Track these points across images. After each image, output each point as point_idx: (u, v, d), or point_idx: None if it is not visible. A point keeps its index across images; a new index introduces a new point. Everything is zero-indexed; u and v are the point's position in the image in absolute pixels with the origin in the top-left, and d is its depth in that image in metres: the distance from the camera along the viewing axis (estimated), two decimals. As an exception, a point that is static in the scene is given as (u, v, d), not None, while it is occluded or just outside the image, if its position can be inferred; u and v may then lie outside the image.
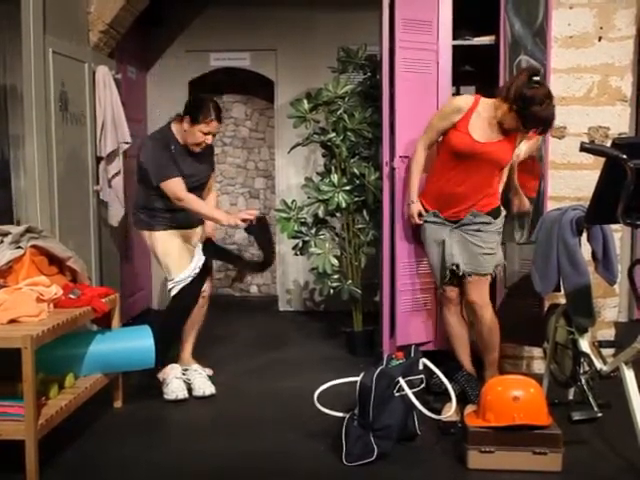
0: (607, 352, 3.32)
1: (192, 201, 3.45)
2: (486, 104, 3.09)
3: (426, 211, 3.32)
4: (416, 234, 3.69)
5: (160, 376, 3.54)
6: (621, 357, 2.67)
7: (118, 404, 3.38)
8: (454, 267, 3.19)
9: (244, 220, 3.43)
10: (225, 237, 6.52)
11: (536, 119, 2.95)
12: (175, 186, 3.42)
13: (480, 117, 3.09)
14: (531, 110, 2.92)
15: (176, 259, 3.53)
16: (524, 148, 3.32)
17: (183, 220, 3.58)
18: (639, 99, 5.12)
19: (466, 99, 3.17)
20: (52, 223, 3.81)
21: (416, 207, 3.35)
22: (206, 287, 3.66)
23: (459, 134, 3.13)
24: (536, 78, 2.96)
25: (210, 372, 3.74)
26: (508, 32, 3.52)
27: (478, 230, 3.18)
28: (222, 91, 6.40)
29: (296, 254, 4.54)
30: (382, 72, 3.72)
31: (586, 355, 2.97)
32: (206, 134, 3.45)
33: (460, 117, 3.12)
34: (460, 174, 3.17)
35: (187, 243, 3.63)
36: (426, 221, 3.32)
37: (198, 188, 3.62)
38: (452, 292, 3.30)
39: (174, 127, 3.53)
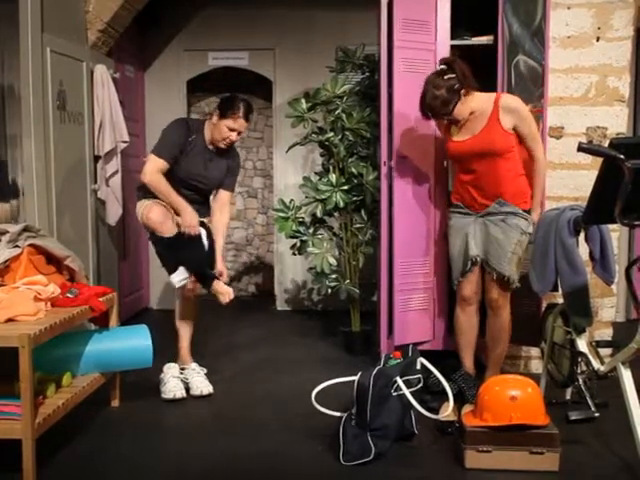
0: (604, 352, 3.35)
1: (160, 182, 3.34)
2: None
3: (452, 204, 3.34)
4: (415, 234, 3.70)
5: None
6: (618, 357, 2.67)
7: (115, 403, 3.38)
8: (475, 259, 3.19)
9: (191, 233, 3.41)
10: (223, 236, 6.52)
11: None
12: (155, 164, 3.35)
13: None
14: None
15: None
16: None
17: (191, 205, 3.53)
18: (637, 99, 5.14)
19: None
20: (50, 222, 3.81)
21: None
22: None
23: (447, 139, 3.24)
24: (440, 66, 3.11)
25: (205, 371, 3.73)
26: (506, 32, 3.53)
27: (503, 220, 3.13)
28: (220, 90, 6.39)
29: (294, 254, 4.54)
30: (380, 72, 3.72)
31: (584, 355, 2.97)
32: (231, 130, 3.41)
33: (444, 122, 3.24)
34: (467, 172, 3.20)
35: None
36: (452, 211, 3.32)
37: (198, 192, 3.56)
38: (468, 290, 3.28)
39: (206, 123, 3.51)
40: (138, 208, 3.51)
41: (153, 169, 3.36)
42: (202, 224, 3.53)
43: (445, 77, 3.04)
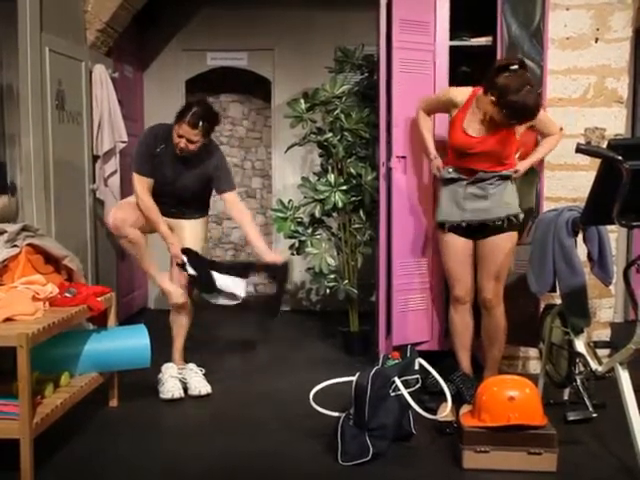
0: (602, 353, 3.34)
1: (148, 207, 3.41)
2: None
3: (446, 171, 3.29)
4: (413, 234, 3.71)
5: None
6: (616, 358, 2.67)
7: (114, 403, 3.38)
8: (459, 224, 3.20)
9: (177, 262, 3.46)
10: (222, 236, 6.52)
11: (515, 109, 2.88)
12: (138, 183, 3.42)
13: (475, 112, 3.09)
14: (508, 100, 2.87)
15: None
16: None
17: (172, 209, 3.54)
18: (635, 101, 5.14)
19: (462, 93, 3.16)
20: (48, 222, 3.81)
21: (436, 162, 3.33)
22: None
23: (456, 130, 3.15)
24: (513, 67, 2.92)
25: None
26: (505, 33, 3.53)
27: (491, 184, 3.14)
28: (219, 91, 6.40)
29: (292, 254, 4.54)
30: (379, 72, 3.72)
31: (581, 355, 2.98)
32: (179, 137, 3.33)
33: (456, 112, 3.16)
34: (466, 159, 3.17)
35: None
36: (445, 177, 3.26)
37: (183, 198, 3.53)
38: (461, 290, 3.29)
39: None
40: None
41: (143, 190, 3.42)
42: (187, 251, 3.48)
43: (528, 75, 2.96)
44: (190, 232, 3.59)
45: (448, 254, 3.30)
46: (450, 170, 3.22)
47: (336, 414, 2.98)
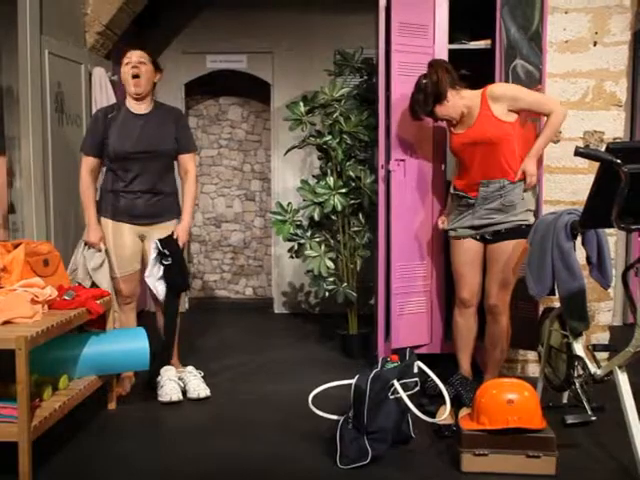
0: (601, 356, 3.35)
1: (81, 185, 3.44)
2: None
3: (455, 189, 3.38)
4: (412, 237, 3.71)
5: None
6: (615, 361, 2.68)
7: (112, 406, 3.38)
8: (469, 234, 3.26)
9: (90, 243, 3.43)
10: (221, 239, 6.52)
11: None
12: (84, 164, 3.46)
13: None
14: None
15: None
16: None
17: (136, 209, 3.48)
18: (634, 104, 5.15)
19: None
20: (48, 224, 3.81)
21: (440, 219, 3.52)
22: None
23: (449, 132, 3.31)
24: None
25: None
26: (504, 36, 3.54)
27: (500, 196, 3.18)
28: (218, 93, 6.41)
29: (291, 257, 4.54)
30: (378, 75, 3.73)
31: (580, 359, 2.97)
32: (133, 66, 3.43)
33: None
34: (470, 165, 3.21)
35: (140, 243, 3.54)
36: (455, 194, 3.35)
37: (150, 161, 3.44)
38: (466, 293, 3.30)
39: (127, 94, 3.57)
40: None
41: (84, 171, 3.45)
42: (167, 241, 3.46)
43: (424, 81, 3.21)
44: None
45: (457, 255, 3.31)
46: (457, 189, 3.32)
47: (335, 417, 2.98)
